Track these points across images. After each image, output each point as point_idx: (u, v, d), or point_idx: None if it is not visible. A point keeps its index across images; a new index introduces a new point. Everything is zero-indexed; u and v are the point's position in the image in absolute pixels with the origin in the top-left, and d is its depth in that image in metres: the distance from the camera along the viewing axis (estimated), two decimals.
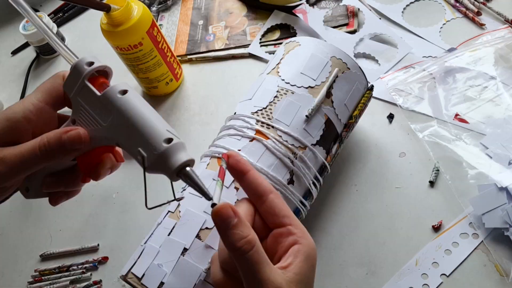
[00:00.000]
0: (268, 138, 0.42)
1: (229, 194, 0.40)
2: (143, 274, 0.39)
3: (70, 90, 0.35)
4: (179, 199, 0.34)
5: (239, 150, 0.42)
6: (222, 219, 0.30)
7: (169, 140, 0.31)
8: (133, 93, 0.33)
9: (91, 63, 0.34)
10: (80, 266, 0.54)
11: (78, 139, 0.33)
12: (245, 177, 0.35)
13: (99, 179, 0.37)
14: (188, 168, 0.31)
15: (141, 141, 0.31)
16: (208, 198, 0.32)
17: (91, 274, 0.54)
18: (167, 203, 0.34)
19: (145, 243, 0.41)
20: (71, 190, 0.39)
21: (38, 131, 0.35)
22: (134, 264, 0.40)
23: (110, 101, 0.32)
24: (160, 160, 0.31)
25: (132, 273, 0.40)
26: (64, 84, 0.35)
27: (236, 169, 0.35)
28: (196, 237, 0.39)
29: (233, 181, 0.41)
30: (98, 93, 0.33)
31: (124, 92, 0.33)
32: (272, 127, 0.43)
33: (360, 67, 0.48)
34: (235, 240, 0.30)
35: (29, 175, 0.35)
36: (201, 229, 0.39)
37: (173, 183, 0.33)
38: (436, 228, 0.47)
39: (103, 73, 0.36)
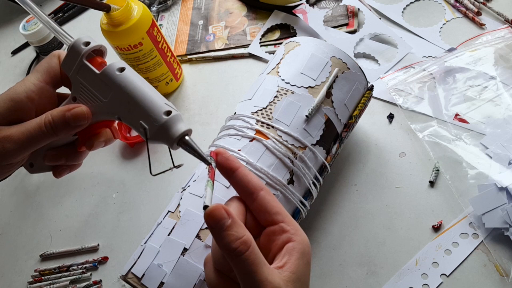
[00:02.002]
0: (268, 138, 0.42)
1: (229, 194, 0.40)
2: (143, 274, 0.39)
3: (69, 69, 0.36)
4: (178, 166, 0.35)
5: (239, 150, 0.42)
6: (215, 221, 0.30)
7: (169, 113, 0.33)
8: (131, 70, 0.35)
9: (87, 43, 0.36)
10: (80, 266, 0.54)
11: (82, 116, 0.35)
12: (234, 174, 0.34)
13: (92, 149, 0.39)
14: (187, 137, 0.33)
15: (142, 114, 0.33)
16: (207, 163, 0.33)
17: (91, 274, 0.54)
18: (169, 169, 0.36)
19: (145, 243, 0.41)
20: (72, 163, 0.41)
21: (40, 110, 0.36)
22: (134, 264, 0.40)
23: (110, 78, 0.34)
24: (161, 131, 0.33)
25: (132, 273, 0.40)
26: (62, 63, 0.37)
27: (225, 167, 0.34)
28: (196, 237, 0.39)
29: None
30: (97, 71, 0.35)
31: (122, 69, 0.34)
32: (272, 127, 0.43)
33: (360, 67, 0.48)
34: (230, 242, 0.29)
35: (33, 151, 0.37)
36: (201, 229, 0.39)
37: (173, 163, 0.35)
38: (436, 228, 0.47)
39: (99, 52, 0.37)
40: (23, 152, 0.35)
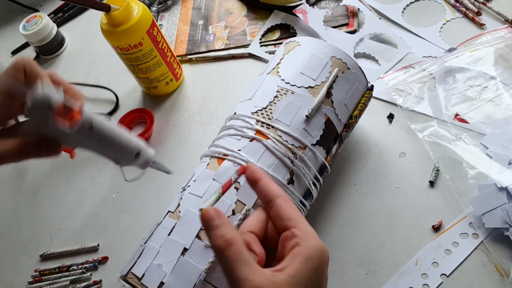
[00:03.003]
0: (268, 138, 0.42)
1: (229, 194, 0.40)
2: (143, 274, 0.39)
3: (35, 120, 0.33)
4: (143, 172, 0.40)
5: (239, 150, 0.42)
6: (205, 221, 0.32)
7: (137, 154, 0.37)
8: (99, 122, 0.34)
9: (48, 99, 0.31)
10: (80, 266, 0.54)
11: (54, 155, 0.35)
12: (257, 185, 0.36)
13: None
14: (152, 161, 0.39)
15: (115, 156, 0.37)
16: (169, 172, 0.41)
17: (91, 274, 0.54)
18: (141, 175, 0.41)
19: (145, 243, 0.41)
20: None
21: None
22: (134, 264, 0.40)
23: (81, 136, 0.34)
24: (133, 165, 0.38)
25: (132, 273, 0.40)
26: (25, 114, 0.33)
27: (250, 179, 0.36)
28: (196, 237, 0.39)
29: (234, 181, 0.40)
30: (68, 130, 0.33)
31: (91, 127, 0.34)
32: (272, 127, 0.43)
33: (360, 67, 0.48)
34: (214, 239, 0.31)
35: None
36: (201, 229, 0.39)
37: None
38: (436, 228, 0.47)
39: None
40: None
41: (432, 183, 0.50)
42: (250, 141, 0.43)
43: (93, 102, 0.71)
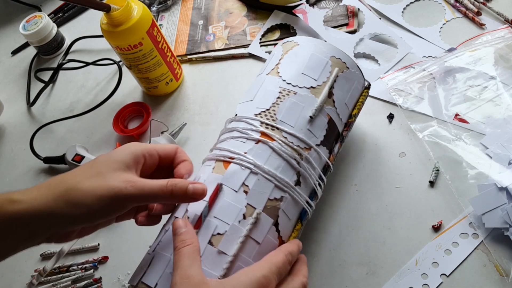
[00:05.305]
0: (274, 140, 0.42)
1: (238, 198, 0.39)
2: (156, 284, 0.37)
3: None
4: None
5: (245, 153, 0.41)
6: (174, 228, 0.37)
7: None
8: None
9: None
10: (80, 266, 0.54)
11: (200, 193, 0.38)
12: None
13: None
14: None
15: None
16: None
17: (94, 271, 0.53)
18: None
19: (153, 250, 0.40)
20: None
21: (143, 171, 0.40)
22: (145, 274, 0.38)
23: None
24: None
25: (143, 282, 0.38)
26: None
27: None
28: (208, 243, 0.37)
29: (241, 184, 0.40)
30: None
31: None
32: (277, 128, 0.43)
33: (358, 66, 0.48)
34: (176, 242, 0.36)
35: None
36: (212, 235, 0.38)
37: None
38: (436, 228, 0.47)
39: None
40: (137, 201, 0.37)
41: (432, 183, 0.50)
42: (255, 143, 0.42)
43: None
